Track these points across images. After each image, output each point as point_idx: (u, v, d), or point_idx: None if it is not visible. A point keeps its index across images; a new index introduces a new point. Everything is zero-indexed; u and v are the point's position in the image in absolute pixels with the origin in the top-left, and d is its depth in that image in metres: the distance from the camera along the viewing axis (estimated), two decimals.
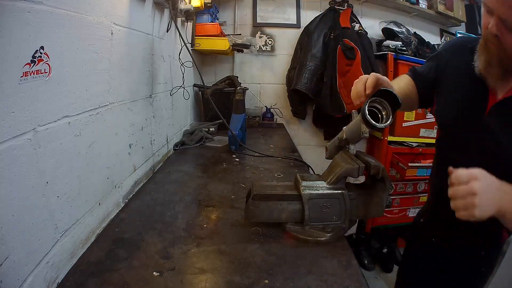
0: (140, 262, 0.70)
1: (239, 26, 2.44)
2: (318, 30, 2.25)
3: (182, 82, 1.51)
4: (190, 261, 0.72)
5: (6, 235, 0.51)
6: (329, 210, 0.81)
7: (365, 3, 2.41)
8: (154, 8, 1.23)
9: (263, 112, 2.44)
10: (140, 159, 1.15)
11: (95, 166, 0.80)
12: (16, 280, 0.53)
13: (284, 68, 2.44)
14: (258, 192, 0.82)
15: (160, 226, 0.86)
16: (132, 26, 1.02)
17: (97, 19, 0.79)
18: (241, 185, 1.16)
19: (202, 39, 1.87)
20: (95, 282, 0.64)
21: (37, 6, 0.56)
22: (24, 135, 0.55)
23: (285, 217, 0.82)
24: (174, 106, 1.56)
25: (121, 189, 0.97)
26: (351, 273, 0.68)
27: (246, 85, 2.37)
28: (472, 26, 2.55)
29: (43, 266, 0.60)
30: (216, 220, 0.92)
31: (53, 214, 0.64)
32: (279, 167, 1.39)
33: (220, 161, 1.44)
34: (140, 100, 1.13)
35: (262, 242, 0.80)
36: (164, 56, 1.38)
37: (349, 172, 0.79)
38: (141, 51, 1.13)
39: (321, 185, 0.81)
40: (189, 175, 1.26)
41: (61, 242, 0.66)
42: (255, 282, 0.65)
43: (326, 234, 0.80)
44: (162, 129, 1.40)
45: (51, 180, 0.63)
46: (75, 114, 0.71)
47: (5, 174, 0.51)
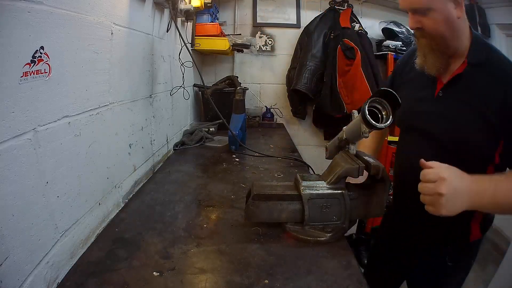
0: (140, 262, 0.70)
1: (239, 26, 2.44)
2: (318, 30, 2.25)
3: (182, 82, 1.51)
4: (190, 261, 0.72)
5: (6, 235, 0.51)
6: (329, 210, 0.81)
7: (365, 3, 2.40)
8: (154, 8, 1.23)
9: (263, 112, 2.44)
10: (140, 159, 1.15)
11: (95, 166, 0.80)
12: (16, 280, 0.53)
13: (284, 68, 2.44)
14: (258, 192, 0.82)
15: (160, 226, 0.86)
16: (132, 26, 1.02)
17: (97, 19, 0.79)
18: (241, 185, 1.16)
19: (202, 39, 1.87)
20: (95, 282, 0.64)
21: (37, 6, 0.56)
22: (24, 135, 0.55)
23: (285, 217, 0.82)
24: (174, 106, 1.56)
25: (121, 189, 0.97)
26: (351, 273, 0.68)
27: (246, 85, 2.36)
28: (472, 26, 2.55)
29: (43, 266, 0.60)
30: (216, 220, 0.92)
31: (53, 214, 0.64)
32: (279, 167, 1.39)
33: (220, 161, 1.44)
34: (140, 100, 1.13)
35: (262, 242, 0.80)
36: (164, 56, 1.38)
37: (349, 172, 0.79)
38: (141, 51, 1.13)
39: (321, 185, 0.81)
40: (189, 175, 1.26)
41: (61, 242, 0.66)
42: (255, 282, 0.65)
43: (326, 234, 0.80)
44: (162, 129, 1.40)
45: (51, 180, 0.63)
46: (75, 114, 0.71)
47: (5, 174, 0.51)
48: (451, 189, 0.65)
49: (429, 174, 0.67)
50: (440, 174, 0.66)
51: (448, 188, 0.65)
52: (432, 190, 0.66)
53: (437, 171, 0.67)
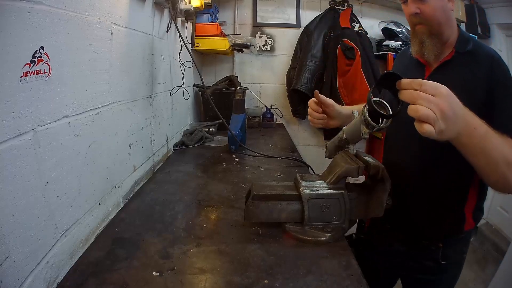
0: (140, 262, 0.70)
1: (239, 26, 2.44)
2: (318, 30, 2.26)
3: (182, 82, 1.51)
4: (190, 261, 0.72)
5: (6, 235, 0.51)
6: (329, 210, 0.81)
7: (365, 3, 2.41)
8: (154, 8, 1.23)
9: (263, 112, 2.44)
10: (140, 159, 1.15)
11: (95, 166, 0.80)
12: (16, 280, 0.53)
13: (284, 68, 2.44)
14: (257, 192, 0.82)
15: (160, 226, 0.86)
16: (132, 26, 1.02)
17: (97, 19, 0.79)
18: (241, 185, 1.16)
19: (202, 39, 1.87)
20: (95, 282, 0.64)
21: (37, 6, 0.56)
22: (24, 135, 0.55)
23: (284, 217, 0.82)
24: (174, 106, 1.56)
25: (121, 189, 0.97)
26: (351, 273, 0.68)
27: (246, 85, 2.37)
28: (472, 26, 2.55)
29: (43, 266, 0.60)
30: (216, 220, 0.92)
31: (53, 214, 0.64)
32: (279, 167, 1.39)
33: (220, 161, 1.44)
34: (140, 100, 1.13)
35: (261, 242, 0.80)
36: (164, 56, 1.38)
37: (349, 172, 0.79)
38: (141, 51, 1.13)
39: (321, 185, 0.81)
40: (189, 175, 1.26)
41: (61, 242, 0.66)
42: (254, 282, 0.65)
43: (326, 234, 0.80)
44: (162, 129, 1.40)
45: (51, 180, 0.63)
46: (75, 114, 0.71)
47: (5, 174, 0.51)
48: (451, 109, 0.58)
49: (425, 85, 0.58)
50: (440, 89, 0.58)
51: (450, 107, 0.57)
52: (434, 103, 0.56)
53: (434, 84, 0.58)
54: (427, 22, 0.85)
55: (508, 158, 0.68)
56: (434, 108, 0.56)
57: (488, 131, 0.66)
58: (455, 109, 0.59)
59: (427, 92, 0.57)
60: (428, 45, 0.87)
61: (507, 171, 0.69)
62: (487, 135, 0.66)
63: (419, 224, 0.93)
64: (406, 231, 0.97)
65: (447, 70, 0.87)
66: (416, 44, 0.90)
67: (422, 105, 0.57)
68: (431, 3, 0.82)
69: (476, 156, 0.69)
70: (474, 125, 0.64)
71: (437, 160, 0.86)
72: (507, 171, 0.69)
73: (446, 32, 0.86)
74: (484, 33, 2.57)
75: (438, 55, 0.88)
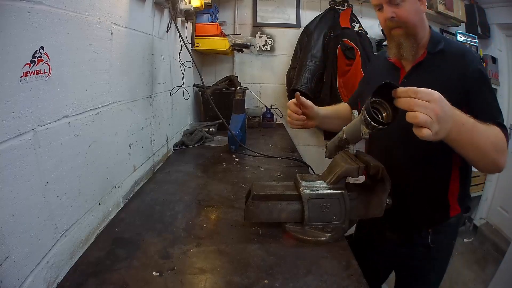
0: (140, 262, 0.70)
1: (239, 26, 2.44)
2: (318, 30, 2.25)
3: (182, 82, 1.51)
4: (190, 261, 0.72)
5: (6, 235, 0.51)
6: (329, 210, 0.81)
7: (365, 3, 2.40)
8: (154, 8, 1.23)
9: (263, 112, 2.44)
10: (140, 159, 1.15)
11: (95, 166, 0.80)
12: (16, 280, 0.53)
13: (284, 68, 2.44)
14: (257, 192, 0.82)
15: (160, 226, 0.86)
16: (132, 26, 1.02)
17: (97, 19, 0.79)
18: (241, 185, 1.16)
19: (202, 39, 1.87)
20: (95, 282, 0.64)
21: (37, 6, 0.56)
22: (24, 135, 0.55)
23: (284, 217, 0.82)
24: (174, 106, 1.56)
25: (121, 189, 0.97)
26: (351, 273, 0.68)
27: (246, 85, 2.36)
28: (472, 26, 2.55)
29: (43, 266, 0.60)
30: (216, 220, 0.92)
31: (53, 214, 0.64)
32: (279, 167, 1.39)
33: (220, 161, 1.44)
34: (140, 100, 1.13)
35: (261, 242, 0.80)
36: (164, 56, 1.38)
37: (349, 172, 0.79)
38: (141, 51, 1.13)
39: (321, 185, 0.81)
40: (189, 175, 1.26)
41: (61, 242, 0.66)
42: (254, 282, 0.65)
43: (326, 234, 0.80)
44: (162, 129, 1.40)
45: (51, 180, 0.63)
46: (75, 114, 0.71)
47: (5, 174, 0.51)
48: (443, 111, 0.63)
49: (420, 92, 0.62)
50: (433, 95, 0.62)
51: (443, 109, 0.62)
52: (429, 108, 0.61)
53: (428, 91, 0.63)
54: (403, 24, 0.89)
55: (496, 145, 0.74)
56: (431, 113, 0.61)
57: (475, 124, 0.70)
58: (446, 110, 0.64)
59: (423, 99, 0.62)
60: (406, 46, 0.91)
61: (496, 156, 0.75)
62: (474, 128, 0.70)
63: (409, 213, 0.97)
64: (397, 220, 0.99)
65: (421, 71, 0.92)
66: (394, 47, 0.93)
67: (420, 111, 0.61)
68: (406, 6, 0.87)
69: (466, 148, 0.73)
70: (462, 121, 0.68)
71: (419, 158, 0.92)
72: (496, 156, 0.75)
73: (420, 33, 0.91)
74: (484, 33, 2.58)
75: (414, 56, 0.92)
